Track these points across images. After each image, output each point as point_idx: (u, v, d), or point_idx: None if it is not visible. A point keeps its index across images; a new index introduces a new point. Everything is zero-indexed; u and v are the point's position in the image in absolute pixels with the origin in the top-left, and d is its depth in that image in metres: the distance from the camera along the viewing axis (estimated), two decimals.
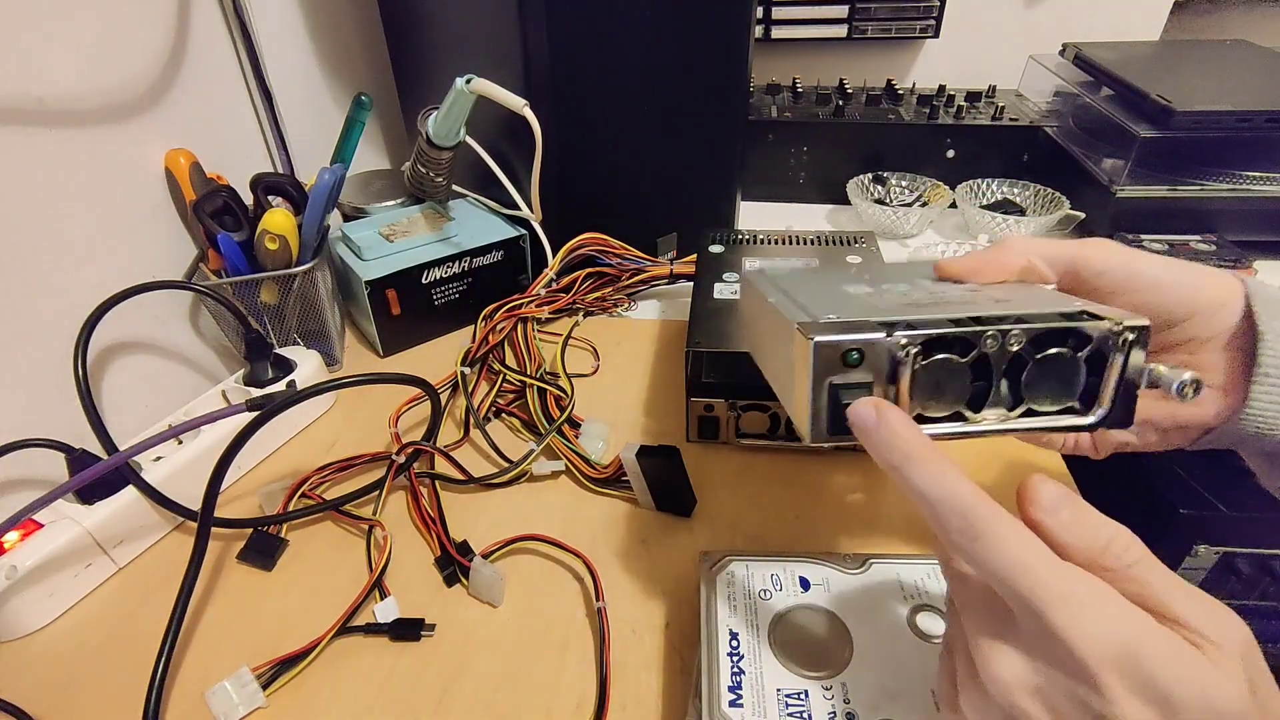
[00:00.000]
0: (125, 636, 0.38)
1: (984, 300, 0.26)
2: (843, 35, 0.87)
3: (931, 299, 0.27)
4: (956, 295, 0.28)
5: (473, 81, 0.52)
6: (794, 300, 0.27)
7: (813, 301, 0.27)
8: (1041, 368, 0.24)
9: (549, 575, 0.41)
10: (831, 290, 0.29)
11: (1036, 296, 0.27)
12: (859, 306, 0.26)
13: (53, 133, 0.44)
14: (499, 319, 0.58)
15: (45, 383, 0.44)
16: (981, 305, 0.25)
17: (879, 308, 0.26)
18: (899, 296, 0.28)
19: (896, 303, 0.27)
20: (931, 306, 0.26)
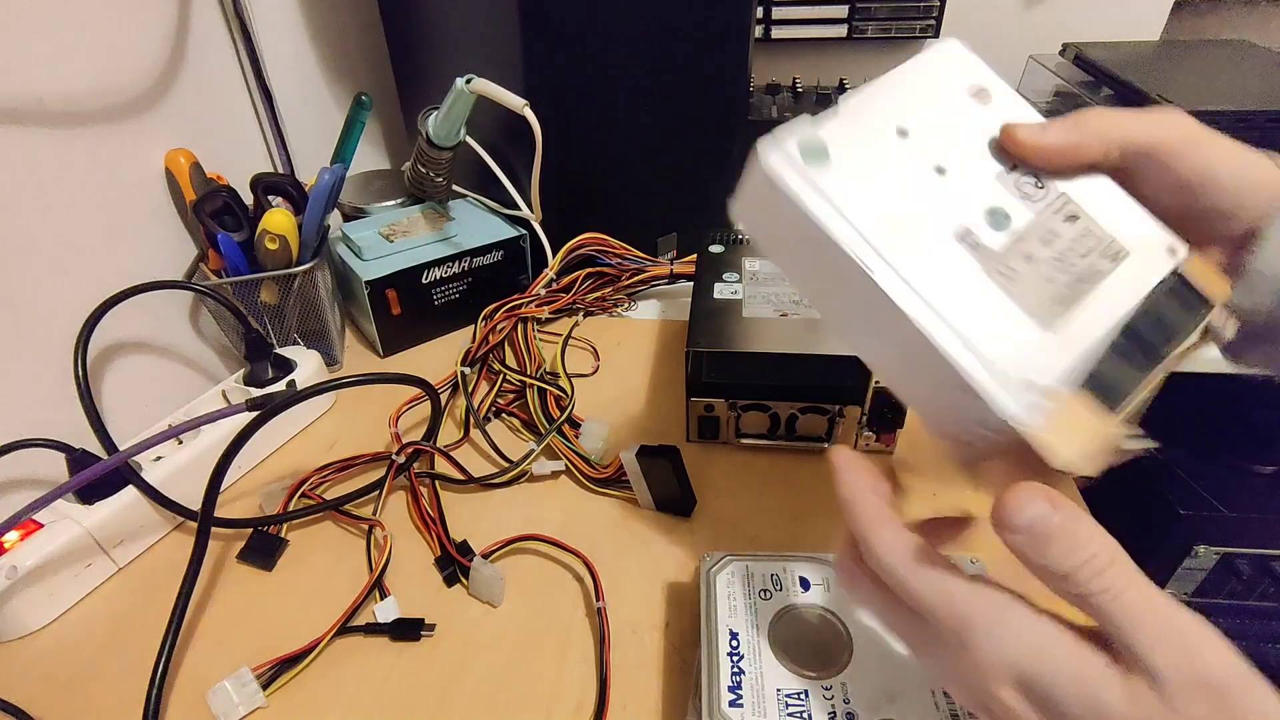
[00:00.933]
0: (125, 636, 0.38)
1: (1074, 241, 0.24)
2: (843, 35, 0.87)
3: (1052, 254, 0.24)
4: (1060, 235, 0.24)
5: (473, 81, 0.52)
6: (904, 279, 0.22)
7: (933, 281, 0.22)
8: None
9: (549, 575, 0.41)
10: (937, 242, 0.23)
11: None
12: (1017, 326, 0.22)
13: (53, 133, 0.44)
14: (499, 319, 0.58)
15: (45, 383, 0.44)
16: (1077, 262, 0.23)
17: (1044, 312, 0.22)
18: (1023, 254, 0.23)
19: (1036, 278, 0.23)
20: (1070, 288, 0.23)
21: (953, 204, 0.24)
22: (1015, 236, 0.24)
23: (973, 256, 0.23)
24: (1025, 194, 0.24)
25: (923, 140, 0.24)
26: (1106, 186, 0.25)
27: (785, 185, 0.22)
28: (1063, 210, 0.24)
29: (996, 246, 0.23)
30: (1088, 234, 0.24)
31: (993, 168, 0.25)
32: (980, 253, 0.23)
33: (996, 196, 0.24)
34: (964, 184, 0.24)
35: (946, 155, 0.24)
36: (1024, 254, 0.23)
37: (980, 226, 0.24)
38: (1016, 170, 0.25)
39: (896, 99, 0.25)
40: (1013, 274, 0.23)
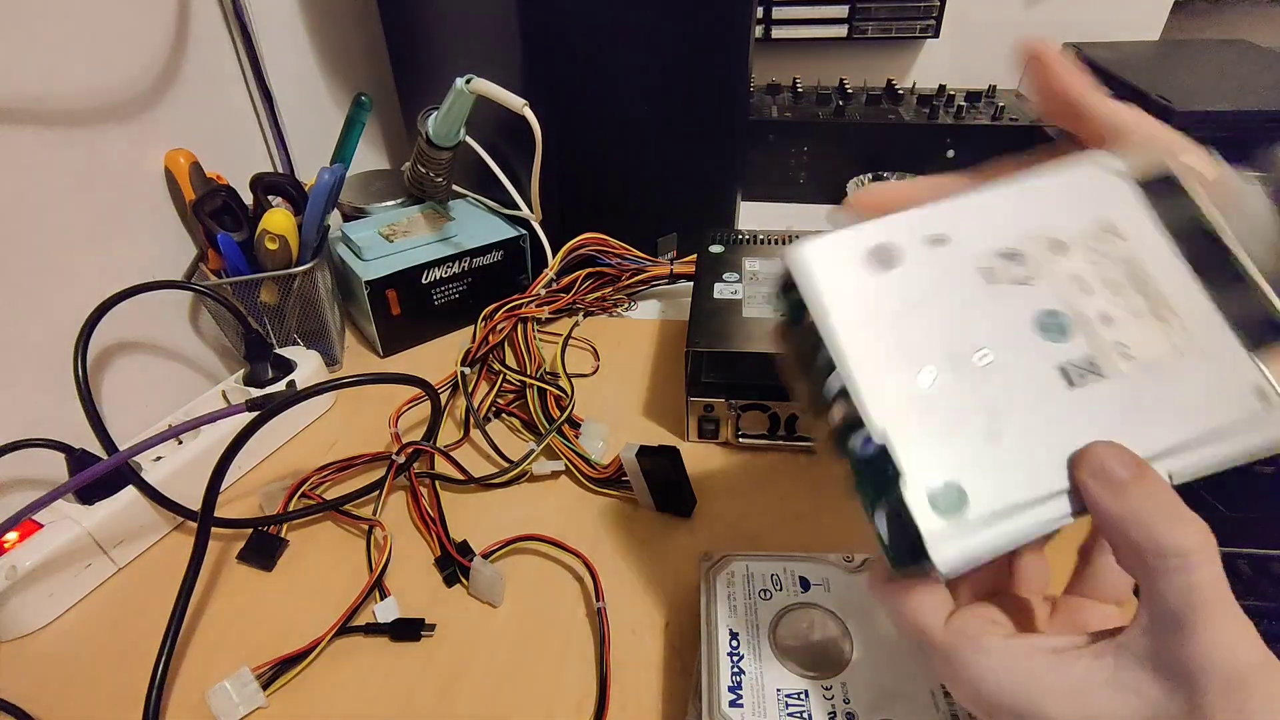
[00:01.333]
0: (125, 636, 0.38)
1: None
2: (843, 35, 0.87)
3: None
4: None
5: (473, 81, 0.52)
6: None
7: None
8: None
9: (549, 575, 0.41)
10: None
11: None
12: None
13: (53, 133, 0.44)
14: (499, 319, 0.58)
15: (45, 383, 0.44)
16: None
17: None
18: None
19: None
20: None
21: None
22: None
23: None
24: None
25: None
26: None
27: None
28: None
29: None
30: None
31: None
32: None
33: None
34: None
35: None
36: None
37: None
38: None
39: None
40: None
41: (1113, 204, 0.23)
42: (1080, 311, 0.22)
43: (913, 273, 0.22)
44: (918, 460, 0.20)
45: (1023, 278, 0.22)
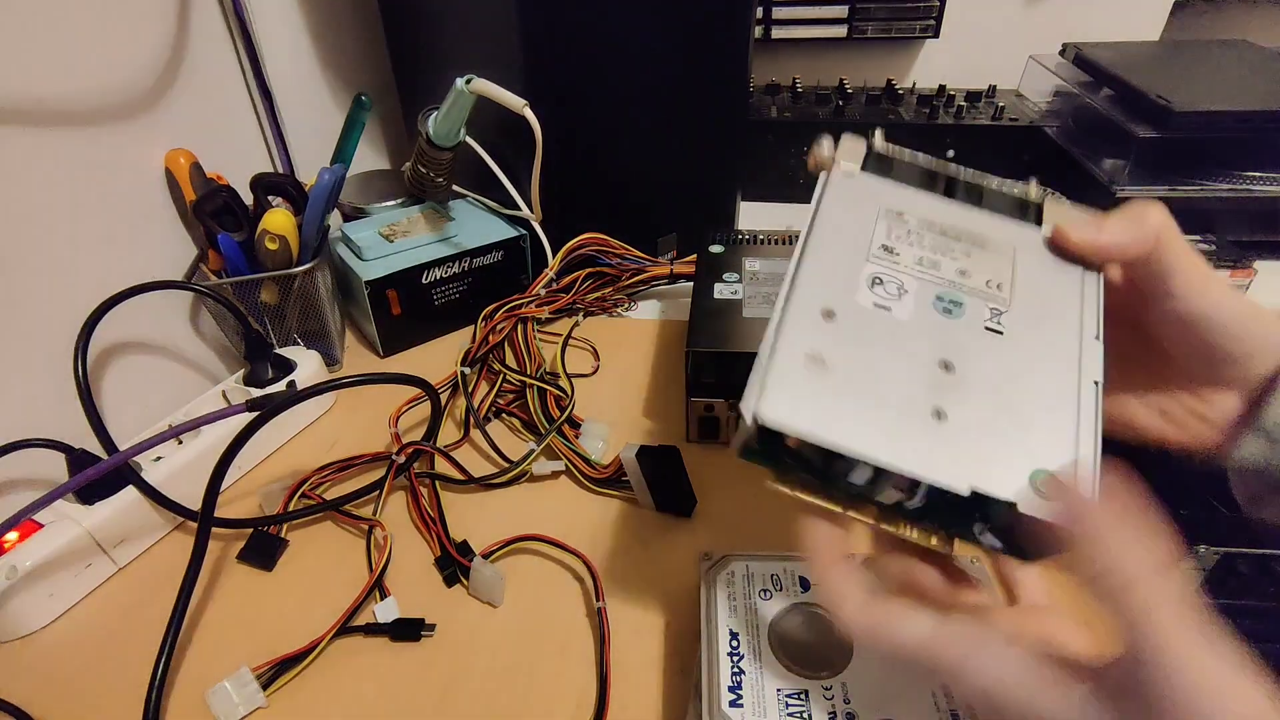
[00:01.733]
0: (125, 636, 0.38)
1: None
2: (843, 35, 0.87)
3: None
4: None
5: (473, 81, 0.52)
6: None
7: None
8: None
9: (549, 575, 0.41)
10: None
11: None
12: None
13: (53, 133, 0.44)
14: (499, 319, 0.58)
15: (45, 383, 0.44)
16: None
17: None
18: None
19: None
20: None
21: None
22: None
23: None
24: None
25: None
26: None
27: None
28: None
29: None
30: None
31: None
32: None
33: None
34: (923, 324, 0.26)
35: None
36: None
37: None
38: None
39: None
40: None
41: (870, 197, 0.29)
42: (950, 280, 0.27)
43: (841, 350, 0.25)
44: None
45: (899, 289, 0.27)
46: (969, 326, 0.26)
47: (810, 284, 0.26)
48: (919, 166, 0.31)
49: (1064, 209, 0.29)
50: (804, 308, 0.26)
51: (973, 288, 0.27)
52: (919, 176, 0.30)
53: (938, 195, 0.30)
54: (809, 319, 0.25)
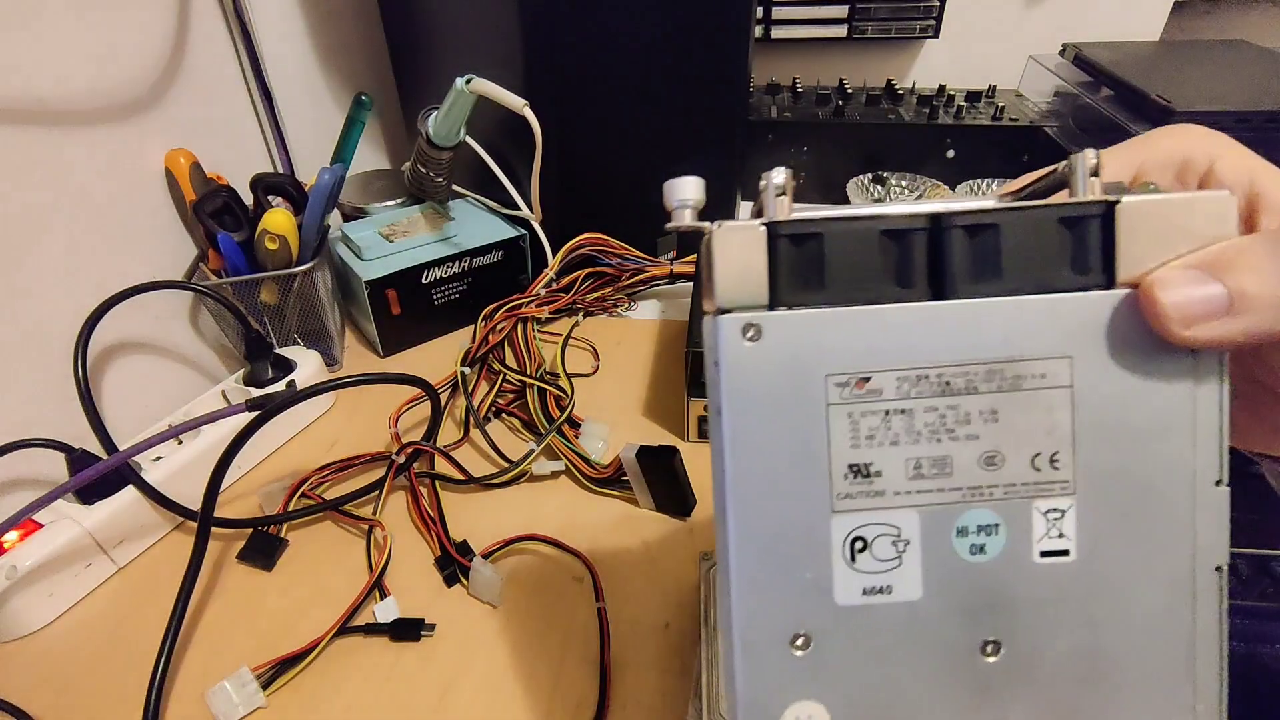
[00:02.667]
0: (125, 636, 0.38)
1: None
2: (843, 35, 0.87)
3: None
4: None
5: (473, 81, 0.52)
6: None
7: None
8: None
9: (549, 575, 0.41)
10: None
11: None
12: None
13: (53, 133, 0.44)
14: (499, 319, 0.58)
15: (45, 383, 0.44)
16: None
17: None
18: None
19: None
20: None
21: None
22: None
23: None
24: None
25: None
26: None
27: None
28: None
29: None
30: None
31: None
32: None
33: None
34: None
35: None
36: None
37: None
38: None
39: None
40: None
41: (801, 367, 0.18)
42: (970, 486, 0.18)
43: (835, 693, 0.18)
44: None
45: (895, 544, 0.18)
46: (1014, 564, 0.17)
47: (754, 596, 0.17)
48: (869, 235, 0.17)
49: (1155, 228, 0.17)
50: (756, 645, 0.17)
51: (1009, 485, 0.17)
52: (873, 261, 0.17)
53: (918, 295, 0.17)
54: (771, 662, 0.17)
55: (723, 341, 0.18)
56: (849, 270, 0.17)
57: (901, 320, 0.17)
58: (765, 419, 0.17)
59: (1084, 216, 0.17)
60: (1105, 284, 0.17)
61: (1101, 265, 0.17)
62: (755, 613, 0.18)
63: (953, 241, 0.17)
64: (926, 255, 0.17)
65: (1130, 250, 0.17)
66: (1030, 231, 0.17)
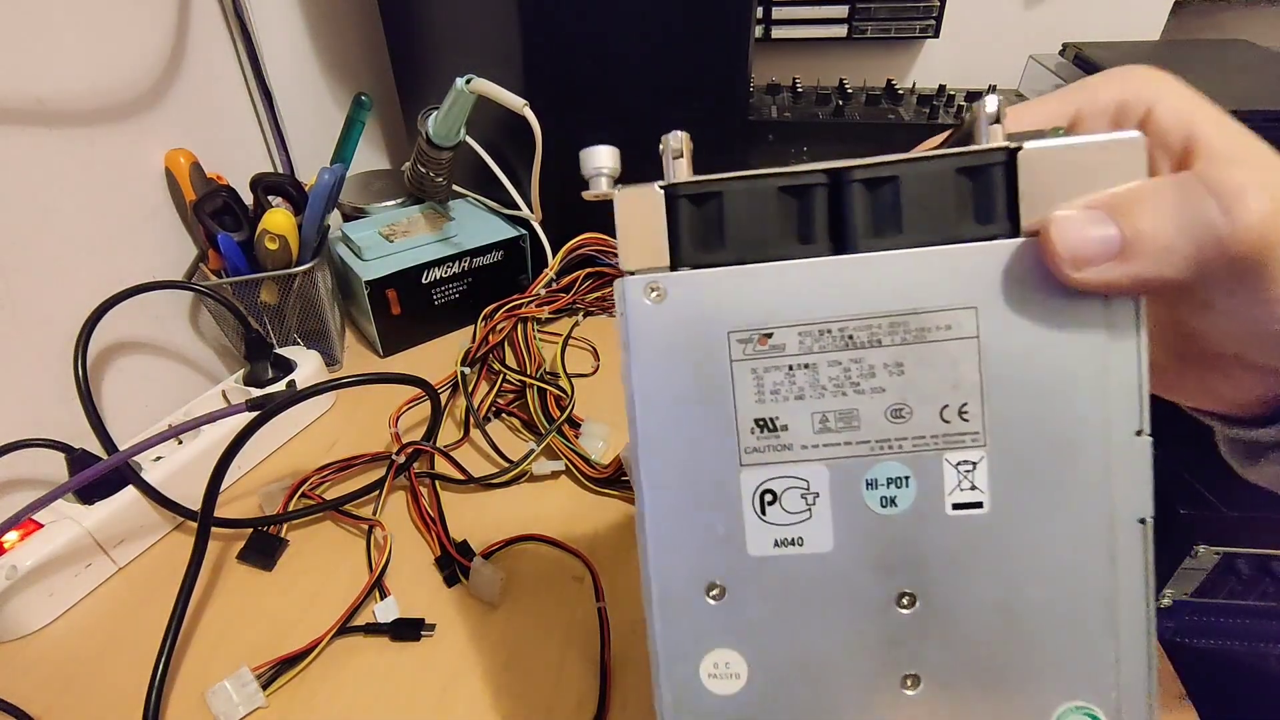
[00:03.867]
0: (125, 636, 0.38)
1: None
2: (843, 35, 0.87)
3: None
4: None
5: (473, 81, 0.52)
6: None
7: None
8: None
9: (549, 575, 0.41)
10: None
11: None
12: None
13: (53, 133, 0.44)
14: (499, 319, 0.58)
15: (45, 383, 0.44)
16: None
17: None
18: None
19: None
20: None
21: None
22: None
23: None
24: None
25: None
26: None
27: None
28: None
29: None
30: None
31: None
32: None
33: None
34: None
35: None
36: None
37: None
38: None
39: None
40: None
41: (704, 326, 0.18)
42: (878, 439, 0.18)
43: (752, 644, 0.19)
44: None
45: (804, 496, 0.18)
46: (926, 516, 0.17)
47: (669, 548, 0.19)
48: (768, 192, 0.18)
49: (1060, 175, 0.16)
50: (672, 594, 0.19)
51: (918, 437, 0.17)
52: (773, 218, 0.18)
53: (819, 250, 0.17)
54: (688, 611, 0.19)
55: (628, 302, 0.18)
56: (749, 228, 0.18)
57: (801, 276, 0.17)
58: (671, 376, 0.18)
59: (984, 165, 0.17)
60: (1009, 233, 0.17)
61: (1006, 213, 0.17)
62: (671, 564, 0.18)
63: (852, 195, 0.17)
64: (826, 211, 0.17)
65: (1034, 198, 0.16)
66: (930, 183, 0.17)
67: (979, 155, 0.17)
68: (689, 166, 0.19)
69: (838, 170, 0.17)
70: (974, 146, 0.17)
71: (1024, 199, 0.16)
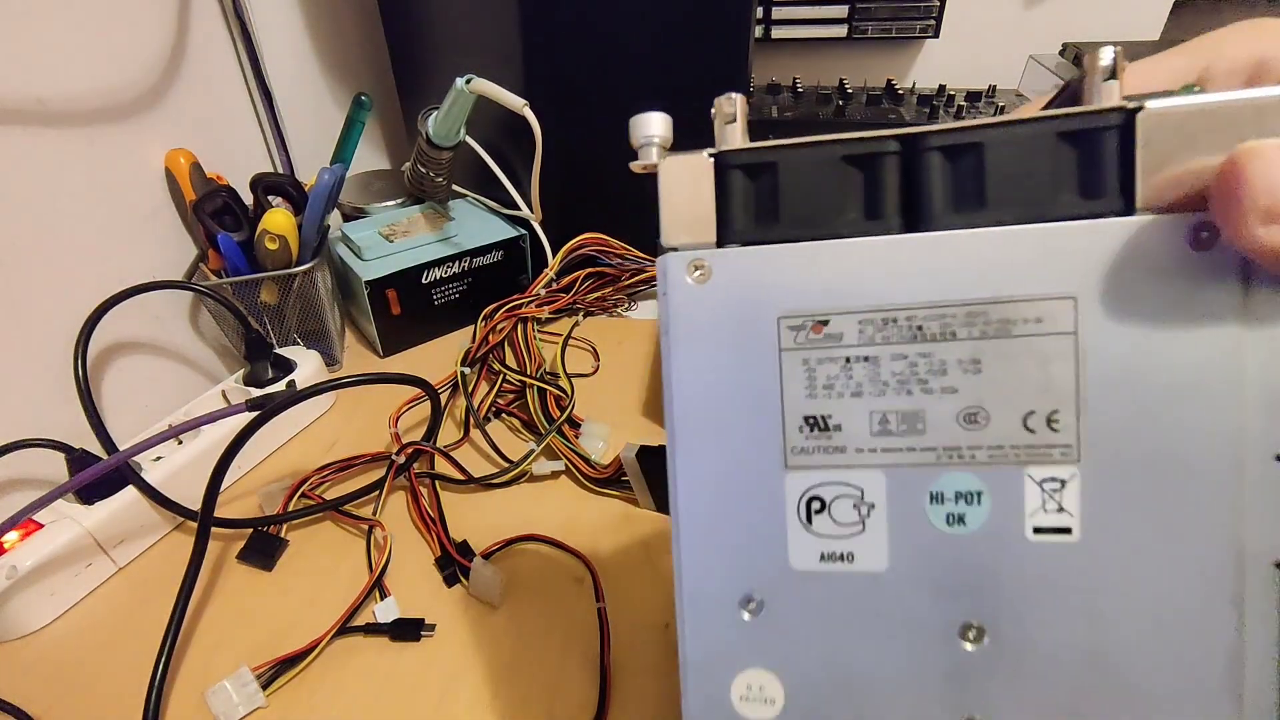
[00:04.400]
0: (125, 636, 0.38)
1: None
2: (843, 35, 0.87)
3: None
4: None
5: (473, 81, 0.52)
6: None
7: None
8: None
9: (549, 575, 0.41)
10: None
11: None
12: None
13: (53, 133, 0.44)
14: (499, 319, 0.58)
15: (45, 383, 0.44)
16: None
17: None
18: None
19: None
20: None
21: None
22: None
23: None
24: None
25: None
26: None
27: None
28: None
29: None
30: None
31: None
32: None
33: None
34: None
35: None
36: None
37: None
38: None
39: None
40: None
41: (753, 312, 0.16)
42: (948, 446, 0.15)
43: (790, 668, 0.17)
44: None
45: (858, 506, 0.16)
46: (1001, 539, 0.15)
47: (702, 548, 0.17)
48: (830, 161, 0.15)
49: (1193, 141, 0.13)
50: (704, 602, 0.17)
51: (995, 447, 0.15)
52: (835, 191, 0.15)
53: (889, 228, 0.15)
54: (720, 622, 0.17)
55: (669, 281, 0.16)
56: (807, 202, 0.15)
57: (863, 255, 0.15)
58: (713, 363, 0.16)
59: (1094, 129, 0.14)
60: (1122, 210, 0.14)
61: (1119, 188, 0.14)
62: (704, 570, 0.17)
63: (929, 165, 0.15)
64: (899, 182, 0.15)
65: (1155, 169, 0.13)
66: (1024, 149, 0.14)
67: (1088, 117, 0.14)
68: (743, 133, 0.17)
69: (913, 136, 0.15)
70: (1083, 108, 0.14)
71: (1143, 170, 0.14)
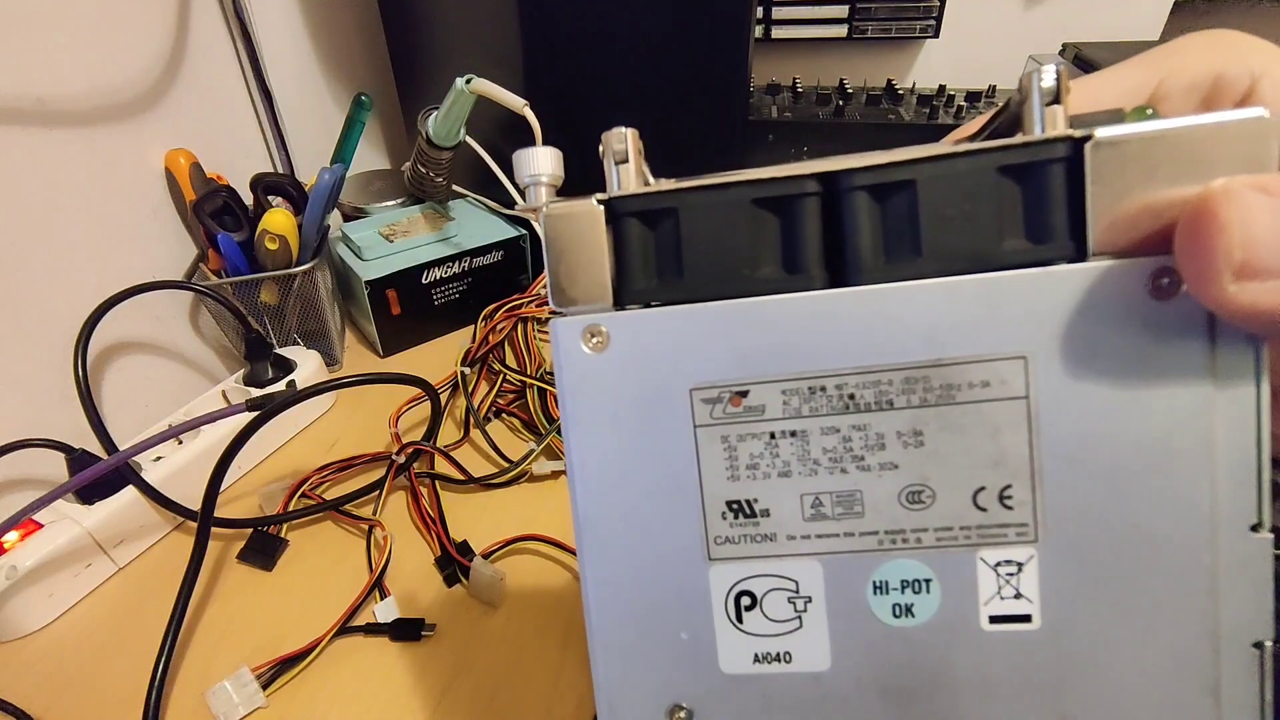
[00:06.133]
0: (125, 636, 0.38)
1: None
2: (843, 35, 0.87)
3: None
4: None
5: (473, 81, 0.52)
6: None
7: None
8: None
9: (549, 575, 0.41)
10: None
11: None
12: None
13: (53, 133, 0.44)
14: (499, 319, 0.58)
15: (45, 383, 0.44)
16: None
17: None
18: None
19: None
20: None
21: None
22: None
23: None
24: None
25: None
26: None
27: None
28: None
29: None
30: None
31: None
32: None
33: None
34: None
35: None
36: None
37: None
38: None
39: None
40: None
41: (661, 383, 0.14)
42: (890, 530, 0.14)
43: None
44: None
45: (793, 601, 0.14)
46: (954, 631, 0.13)
47: (621, 656, 0.15)
48: (740, 206, 0.13)
49: (1150, 172, 0.12)
50: (625, 716, 0.15)
51: (943, 529, 0.13)
52: (747, 241, 0.13)
53: (811, 282, 0.13)
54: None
55: (563, 350, 0.14)
56: (715, 254, 0.13)
57: (784, 315, 0.13)
58: (618, 445, 0.14)
59: (1038, 162, 0.12)
60: (1072, 255, 0.12)
61: (1068, 229, 0.12)
62: (623, 674, 0.15)
63: (855, 208, 0.13)
64: (819, 229, 0.13)
65: (1109, 205, 0.12)
66: (960, 188, 0.12)
67: (1030, 149, 0.12)
68: (638, 174, 0.14)
69: (834, 174, 0.13)
70: (1023, 137, 0.13)
71: (1094, 208, 0.12)
